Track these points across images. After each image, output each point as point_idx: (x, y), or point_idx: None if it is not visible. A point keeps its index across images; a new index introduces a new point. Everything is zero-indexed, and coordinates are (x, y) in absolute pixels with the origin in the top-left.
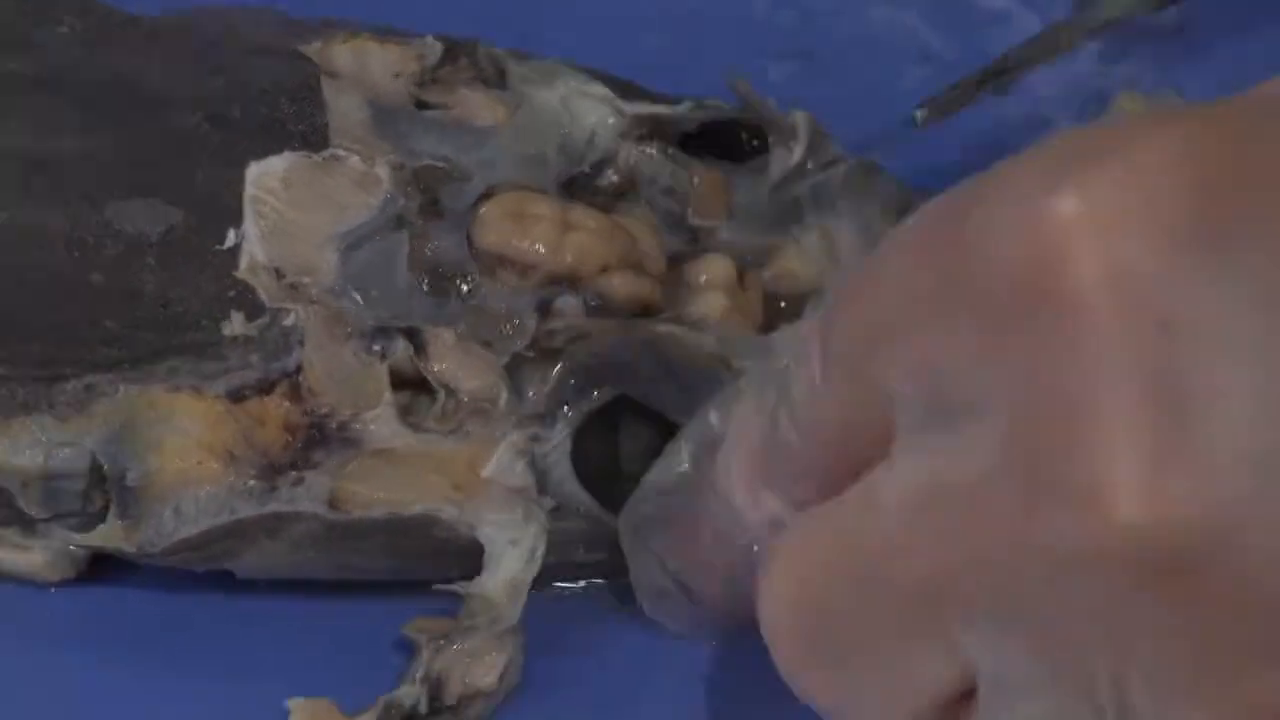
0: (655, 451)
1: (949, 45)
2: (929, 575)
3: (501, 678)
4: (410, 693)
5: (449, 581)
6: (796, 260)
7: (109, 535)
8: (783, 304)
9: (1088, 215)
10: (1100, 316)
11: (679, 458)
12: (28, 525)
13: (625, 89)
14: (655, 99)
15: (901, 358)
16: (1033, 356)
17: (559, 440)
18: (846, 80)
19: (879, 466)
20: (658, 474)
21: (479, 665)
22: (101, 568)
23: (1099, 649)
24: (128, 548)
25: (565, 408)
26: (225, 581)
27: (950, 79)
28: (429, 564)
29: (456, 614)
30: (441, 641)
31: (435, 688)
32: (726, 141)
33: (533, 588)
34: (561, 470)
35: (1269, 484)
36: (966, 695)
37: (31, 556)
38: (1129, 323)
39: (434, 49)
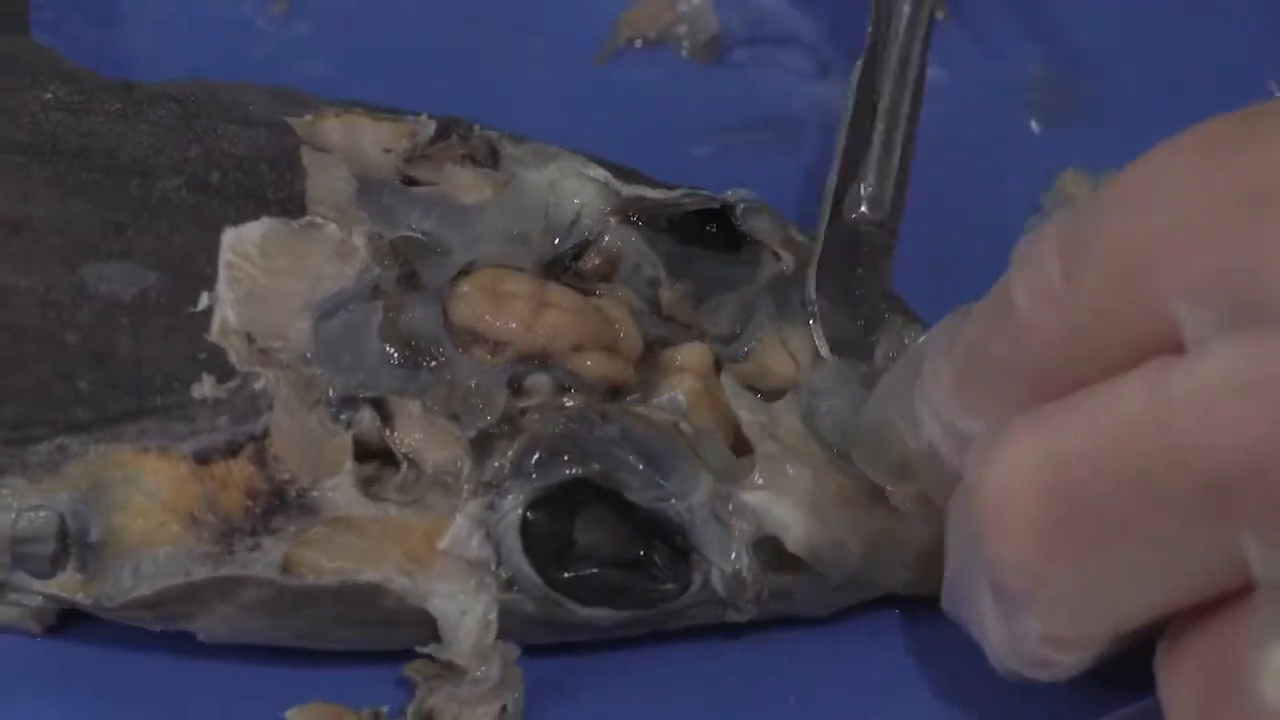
0: (612, 536)
1: None
2: (1226, 471)
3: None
4: None
5: (408, 649)
6: (776, 358)
7: (66, 585)
8: (759, 396)
9: None
10: None
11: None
12: None
13: (624, 173)
14: (653, 184)
15: (1195, 266)
16: None
17: (511, 510)
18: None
19: (1152, 364)
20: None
21: (472, 711)
22: (76, 621)
23: None
24: (84, 600)
25: (521, 481)
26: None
27: None
28: (382, 634)
29: None
30: (435, 682)
31: None
32: (723, 221)
33: None
34: (510, 542)
35: None
36: (1221, 599)
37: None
38: None
39: (427, 126)
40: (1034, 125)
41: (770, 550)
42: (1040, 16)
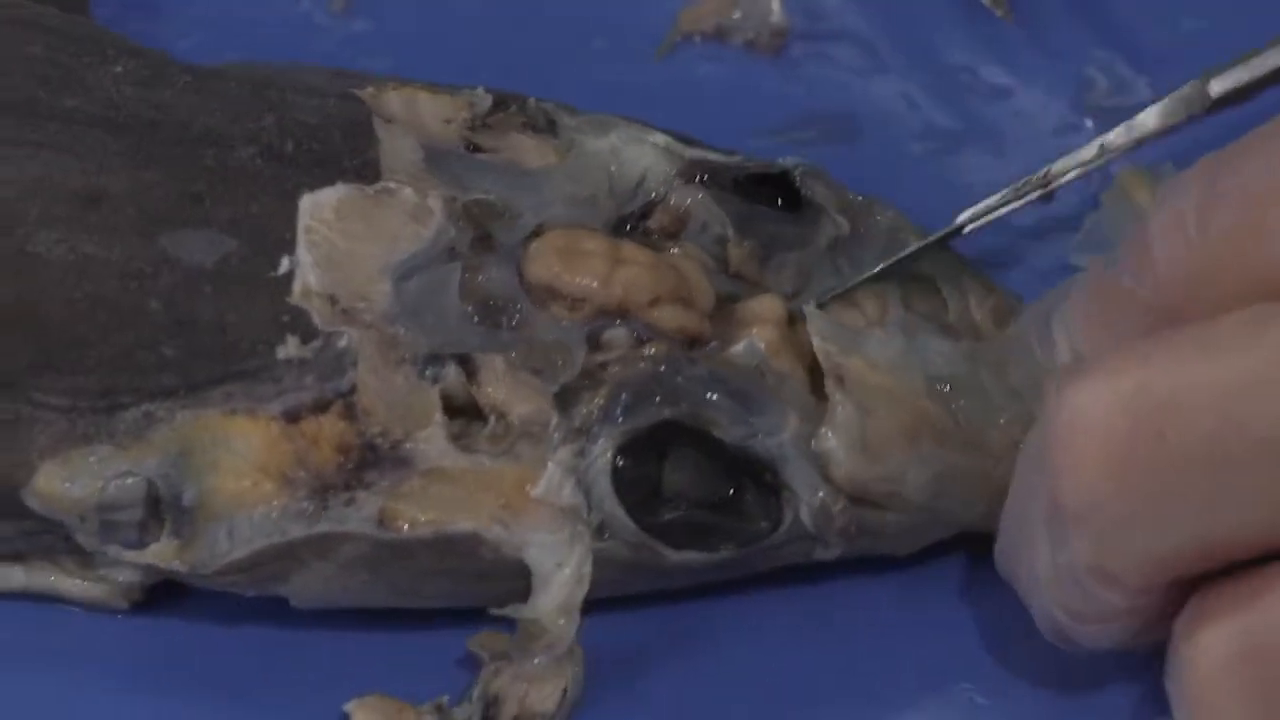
0: (701, 478)
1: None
2: None
3: (560, 702)
4: (465, 709)
5: (501, 604)
6: (844, 313)
7: (162, 553)
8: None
9: None
10: None
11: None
12: (85, 556)
13: (684, 139)
14: (712, 149)
15: None
16: None
17: (601, 455)
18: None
19: (1255, 309)
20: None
21: (537, 689)
22: (160, 598)
23: None
24: (180, 567)
25: (610, 425)
26: (285, 608)
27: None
28: (478, 586)
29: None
30: (501, 662)
31: (490, 707)
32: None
33: (585, 610)
34: (602, 488)
35: None
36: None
37: (88, 586)
38: None
39: (483, 99)
40: (1089, 123)
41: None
42: (1099, 17)
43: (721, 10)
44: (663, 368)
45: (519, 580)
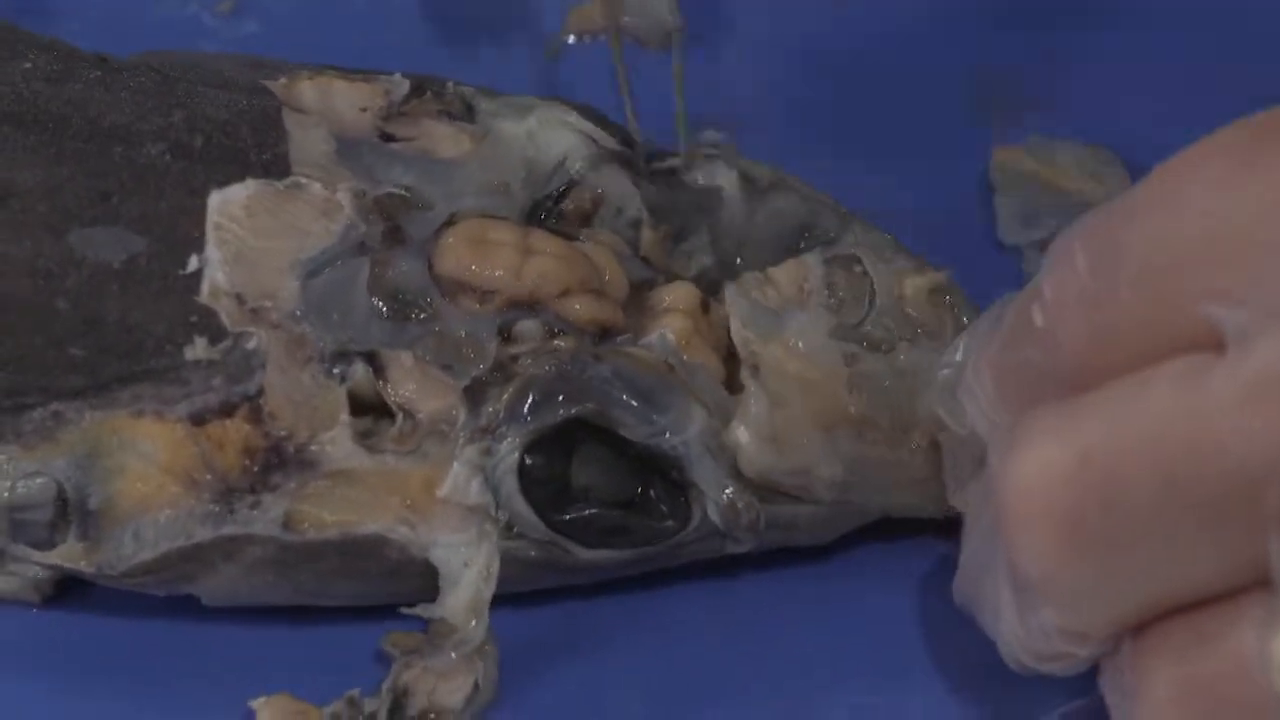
0: (609, 477)
1: None
2: (1259, 469)
3: (470, 699)
4: (374, 701)
5: (410, 602)
6: (763, 294)
7: (68, 555)
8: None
9: None
10: None
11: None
12: None
13: (603, 120)
14: (628, 132)
15: (1227, 273)
16: None
17: (508, 454)
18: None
19: (1181, 361)
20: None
21: (445, 684)
22: (72, 592)
23: None
24: (86, 569)
25: (517, 424)
26: (198, 604)
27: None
28: (387, 585)
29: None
30: (411, 656)
31: (398, 699)
32: None
33: (496, 603)
34: (509, 486)
35: None
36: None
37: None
38: None
39: (400, 85)
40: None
41: None
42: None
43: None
44: (569, 366)
45: (428, 579)
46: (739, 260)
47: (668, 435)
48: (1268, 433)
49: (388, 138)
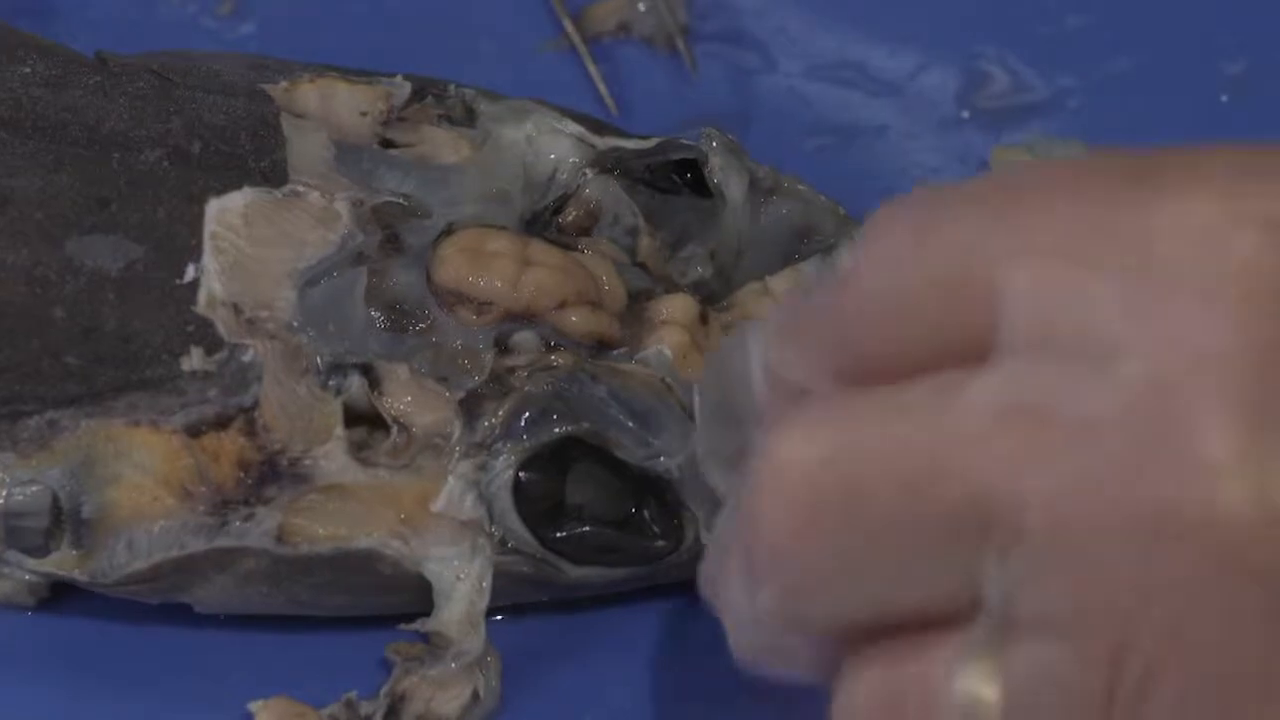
0: (604, 495)
1: None
2: (995, 490)
3: (467, 708)
4: (371, 704)
5: (403, 615)
6: (759, 305)
7: (61, 563)
8: None
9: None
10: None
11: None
12: None
13: (598, 126)
14: (627, 136)
15: (1021, 284)
16: (1185, 325)
17: (503, 470)
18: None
19: (950, 370)
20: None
21: (443, 693)
22: (68, 594)
23: (1150, 627)
24: (80, 577)
25: (512, 440)
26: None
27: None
28: (379, 598)
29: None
30: (412, 663)
31: (394, 704)
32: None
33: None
34: (503, 502)
35: None
36: (930, 623)
37: None
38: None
39: (402, 88)
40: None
41: None
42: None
43: (621, 9)
44: (566, 385)
45: (421, 592)
46: (737, 268)
47: (662, 459)
48: (1007, 465)
49: (387, 143)
